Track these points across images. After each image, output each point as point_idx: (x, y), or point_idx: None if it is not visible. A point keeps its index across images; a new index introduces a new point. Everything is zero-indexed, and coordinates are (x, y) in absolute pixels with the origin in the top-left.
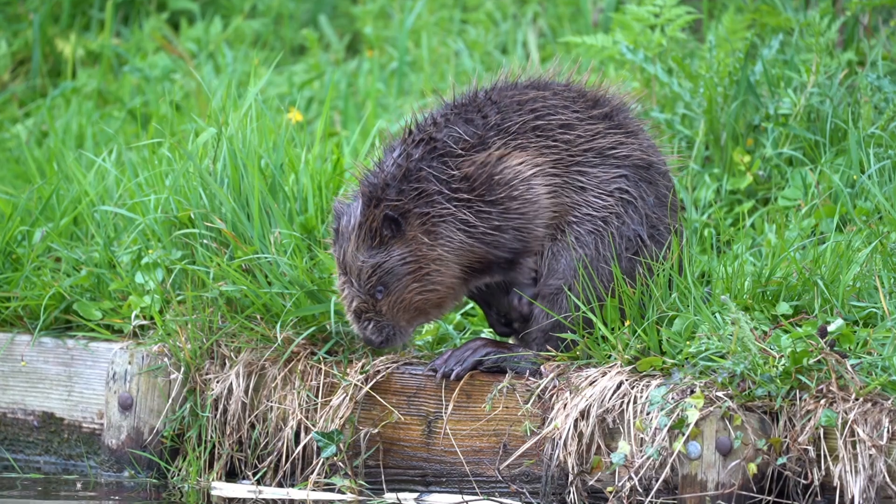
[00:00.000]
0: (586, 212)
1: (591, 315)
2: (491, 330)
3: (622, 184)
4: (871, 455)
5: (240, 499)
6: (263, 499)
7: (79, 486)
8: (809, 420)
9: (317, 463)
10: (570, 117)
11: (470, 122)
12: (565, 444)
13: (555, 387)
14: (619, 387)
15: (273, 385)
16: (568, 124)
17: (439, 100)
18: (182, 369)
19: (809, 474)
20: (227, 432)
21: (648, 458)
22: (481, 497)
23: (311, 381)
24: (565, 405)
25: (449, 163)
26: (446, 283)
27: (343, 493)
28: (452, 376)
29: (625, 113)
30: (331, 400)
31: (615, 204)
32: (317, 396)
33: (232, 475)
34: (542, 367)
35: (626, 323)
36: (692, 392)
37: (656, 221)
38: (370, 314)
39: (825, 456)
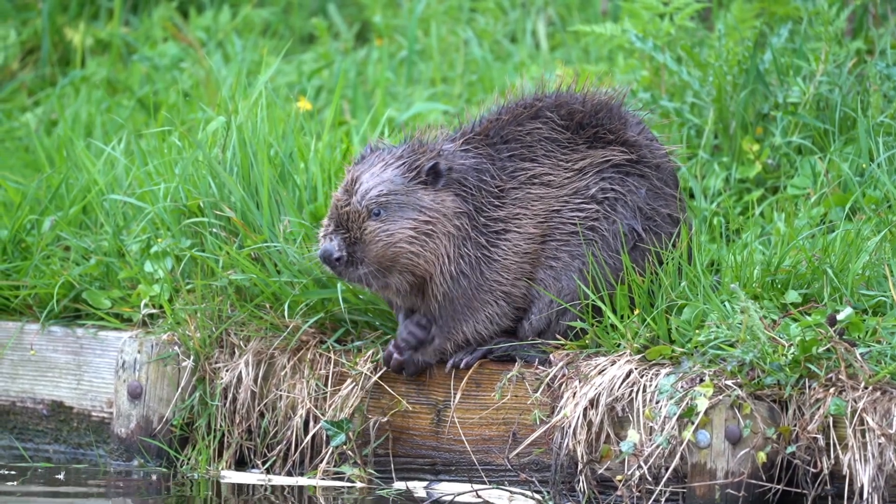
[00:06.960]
0: (571, 229)
1: (600, 304)
2: None
3: (603, 185)
4: (880, 444)
5: (249, 487)
6: (272, 486)
7: (135, 475)
8: (819, 409)
9: (326, 452)
10: (557, 154)
11: (492, 160)
12: (574, 432)
13: (564, 375)
14: (628, 375)
15: (282, 374)
16: (555, 162)
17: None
18: (191, 358)
19: (819, 463)
20: (237, 421)
21: (658, 446)
22: (490, 485)
23: (321, 369)
24: (574, 394)
25: (479, 197)
26: (431, 261)
27: (352, 481)
28: (462, 365)
29: (608, 117)
30: (340, 389)
31: (599, 209)
32: (326, 385)
33: (241, 464)
34: (551, 355)
35: (636, 312)
36: (701, 381)
37: (651, 213)
38: (352, 227)
39: (834, 444)
